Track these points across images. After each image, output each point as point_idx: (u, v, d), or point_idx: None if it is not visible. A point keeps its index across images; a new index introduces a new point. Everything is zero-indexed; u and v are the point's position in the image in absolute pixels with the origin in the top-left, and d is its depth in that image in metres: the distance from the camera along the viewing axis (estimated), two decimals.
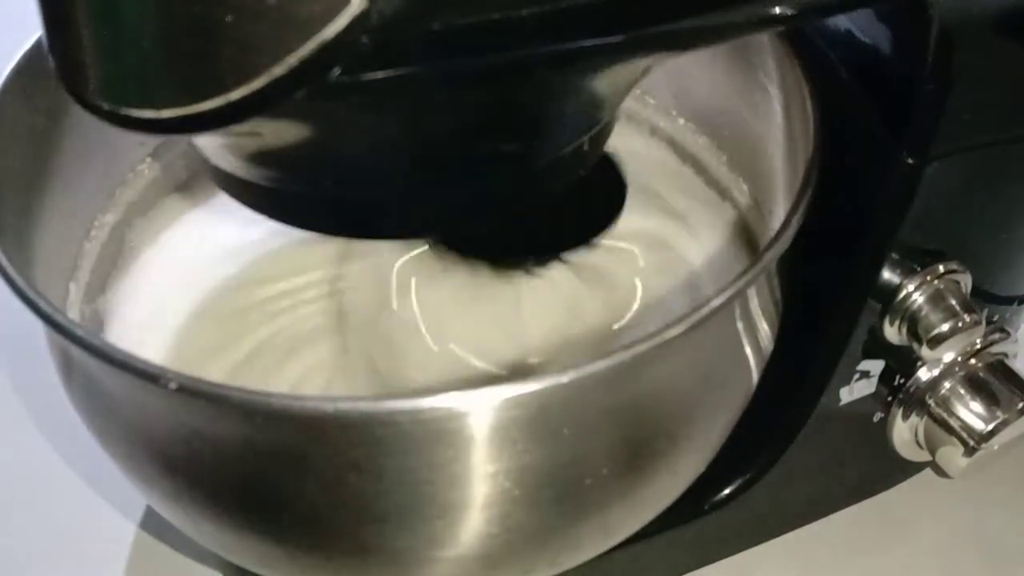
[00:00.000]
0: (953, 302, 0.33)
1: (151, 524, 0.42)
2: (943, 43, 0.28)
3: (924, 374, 0.36)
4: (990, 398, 0.36)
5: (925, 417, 0.37)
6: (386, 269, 0.36)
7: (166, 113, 0.20)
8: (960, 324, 0.33)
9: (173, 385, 0.24)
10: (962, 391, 0.36)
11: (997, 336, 0.36)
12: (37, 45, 0.31)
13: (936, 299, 0.33)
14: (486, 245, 0.35)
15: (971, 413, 0.36)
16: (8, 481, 0.44)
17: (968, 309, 0.34)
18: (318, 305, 0.36)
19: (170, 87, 0.20)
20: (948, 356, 0.36)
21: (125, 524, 0.42)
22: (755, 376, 0.32)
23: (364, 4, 0.18)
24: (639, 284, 0.37)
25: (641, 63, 0.25)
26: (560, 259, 0.36)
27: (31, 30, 0.26)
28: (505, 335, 0.35)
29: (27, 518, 0.42)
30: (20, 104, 0.31)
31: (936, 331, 0.33)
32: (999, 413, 0.36)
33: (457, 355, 0.35)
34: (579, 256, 0.37)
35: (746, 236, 0.39)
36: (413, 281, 0.36)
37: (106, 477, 0.32)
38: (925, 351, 0.34)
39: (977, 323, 0.34)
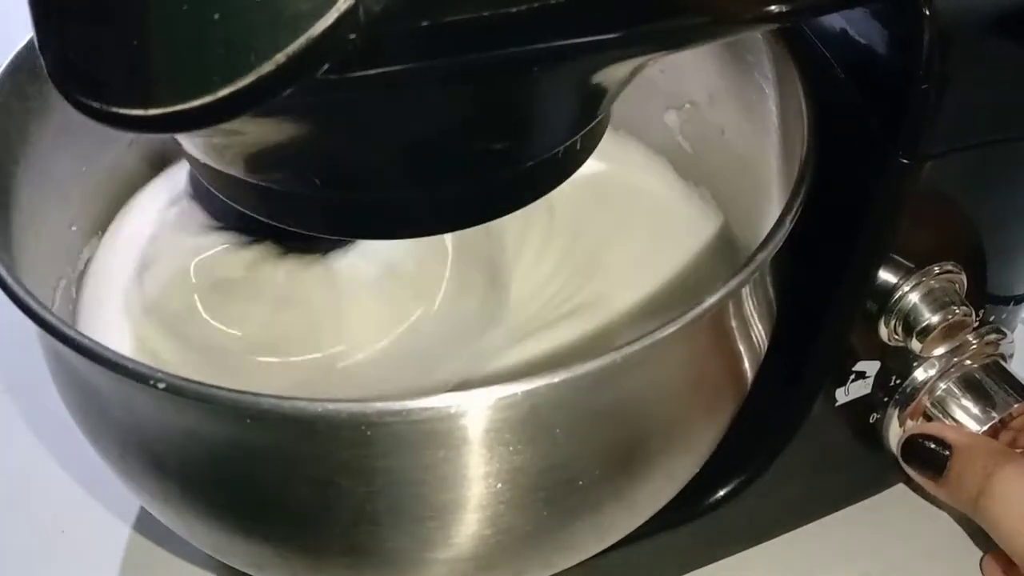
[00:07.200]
0: (948, 302, 0.33)
1: (145, 526, 0.42)
2: (938, 43, 0.28)
3: (920, 375, 0.36)
4: (985, 399, 0.36)
5: (921, 418, 0.37)
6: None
7: (154, 111, 0.20)
8: (955, 325, 0.33)
9: (161, 385, 0.24)
10: (958, 392, 0.36)
11: (993, 337, 0.36)
12: (29, 46, 0.31)
13: (931, 299, 0.33)
14: None
15: (966, 414, 0.36)
16: (1, 482, 0.44)
17: (963, 310, 0.33)
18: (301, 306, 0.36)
19: (158, 85, 0.20)
20: (943, 357, 0.36)
21: (119, 526, 0.42)
22: (749, 377, 0.32)
23: (351, 1, 0.18)
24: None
25: (633, 61, 0.25)
26: None
27: (24, 31, 0.26)
28: None
29: (21, 520, 0.42)
30: (12, 103, 0.31)
31: (931, 332, 0.33)
32: (994, 414, 0.36)
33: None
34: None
35: (740, 237, 0.38)
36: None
37: (100, 478, 0.32)
38: (920, 351, 0.34)
39: (972, 324, 0.34)
